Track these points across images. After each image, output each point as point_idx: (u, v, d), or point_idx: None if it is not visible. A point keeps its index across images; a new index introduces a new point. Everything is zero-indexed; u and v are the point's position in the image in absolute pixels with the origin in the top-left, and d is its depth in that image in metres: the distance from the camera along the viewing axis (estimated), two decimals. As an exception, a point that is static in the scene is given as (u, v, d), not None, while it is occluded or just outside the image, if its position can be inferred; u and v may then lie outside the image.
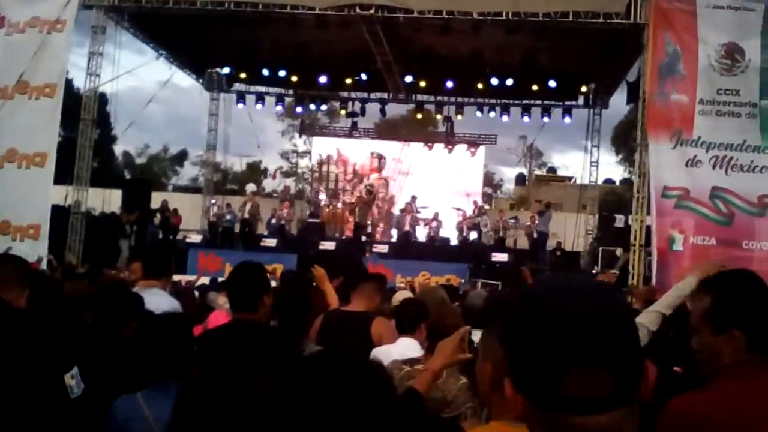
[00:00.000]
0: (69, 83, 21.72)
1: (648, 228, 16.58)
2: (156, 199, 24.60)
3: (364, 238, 23.36)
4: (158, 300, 5.44)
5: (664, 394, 2.88)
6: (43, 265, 14.03)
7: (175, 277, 9.33)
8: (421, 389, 2.84)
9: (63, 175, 18.88)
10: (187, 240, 22.25)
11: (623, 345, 1.19)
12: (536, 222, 22.54)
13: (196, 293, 10.06)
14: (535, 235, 22.43)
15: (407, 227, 23.63)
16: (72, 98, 20.92)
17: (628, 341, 1.21)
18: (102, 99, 21.82)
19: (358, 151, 28.45)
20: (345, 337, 5.23)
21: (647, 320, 3.89)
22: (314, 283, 6.84)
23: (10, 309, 2.73)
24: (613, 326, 1.20)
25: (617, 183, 43.54)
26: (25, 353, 2.31)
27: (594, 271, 20.04)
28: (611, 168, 44.81)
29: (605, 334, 1.18)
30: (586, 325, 1.17)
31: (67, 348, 2.74)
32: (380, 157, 28.10)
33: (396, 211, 25.99)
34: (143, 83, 55.13)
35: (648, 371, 1.23)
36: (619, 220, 22.82)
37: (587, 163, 24.54)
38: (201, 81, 26.32)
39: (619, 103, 23.59)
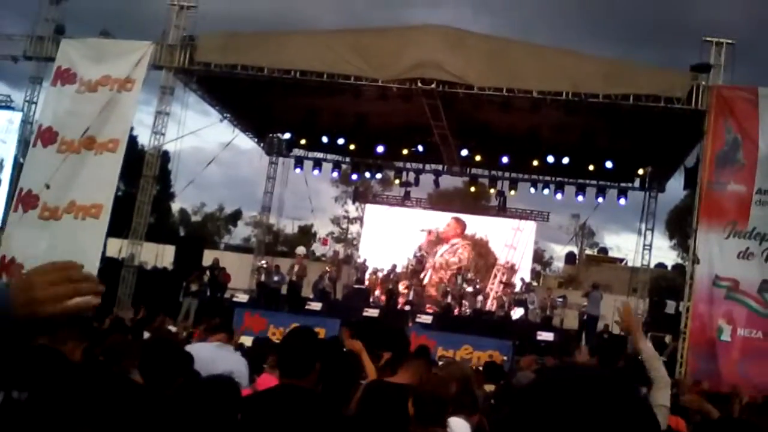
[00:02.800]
0: (134, 140, 22.46)
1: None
2: (208, 257, 24.95)
3: (408, 308, 23.32)
4: (231, 358, 5.52)
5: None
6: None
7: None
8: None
9: (119, 229, 19.31)
10: (234, 299, 22.41)
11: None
12: (588, 303, 22.25)
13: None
14: (585, 317, 22.10)
15: (450, 299, 23.58)
16: (135, 154, 21.55)
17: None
18: (164, 156, 22.38)
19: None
20: (383, 409, 5.19)
21: (663, 399, 3.84)
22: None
23: (66, 362, 2.81)
24: (634, 424, 1.20)
25: (669, 268, 42.87)
26: (78, 407, 2.38)
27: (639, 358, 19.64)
28: (664, 252, 44.28)
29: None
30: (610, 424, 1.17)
31: (115, 403, 2.80)
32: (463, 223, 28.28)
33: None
34: (205, 143, 56.42)
35: None
36: (670, 306, 22.41)
37: (640, 245, 24.24)
38: (262, 145, 26.88)
39: (676, 187, 23.40)
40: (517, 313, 23.52)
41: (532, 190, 25.74)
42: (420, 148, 23.88)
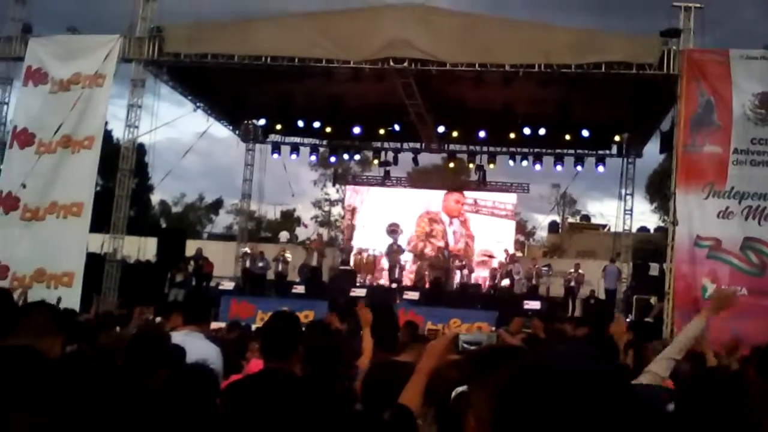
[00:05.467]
0: (108, 134, 22.28)
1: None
2: (191, 247, 24.90)
3: (394, 285, 23.43)
4: (200, 345, 5.53)
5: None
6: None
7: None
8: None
9: (100, 224, 19.26)
10: (220, 287, 22.43)
11: (617, 428, 1.20)
12: (605, 278, 22.63)
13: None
14: (604, 296, 22.48)
15: (438, 274, 23.70)
16: (110, 148, 21.42)
17: (622, 425, 1.20)
18: (140, 149, 22.28)
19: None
20: (391, 387, 5.17)
21: (659, 368, 3.88)
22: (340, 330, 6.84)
23: (44, 360, 2.79)
24: (610, 411, 1.19)
25: (651, 231, 43.12)
26: (59, 408, 2.39)
27: (628, 320, 19.83)
28: (646, 216, 44.46)
29: (602, 418, 1.18)
30: (583, 405, 1.18)
31: (99, 402, 2.83)
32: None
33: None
34: (181, 134, 55.89)
35: None
36: (654, 269, 22.59)
37: (621, 211, 24.42)
38: (237, 132, 26.77)
39: (653, 151, 23.48)
40: (503, 284, 23.69)
41: (511, 162, 25.86)
42: (396, 127, 23.89)
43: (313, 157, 28.61)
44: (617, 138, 24.05)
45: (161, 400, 3.33)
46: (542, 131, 22.52)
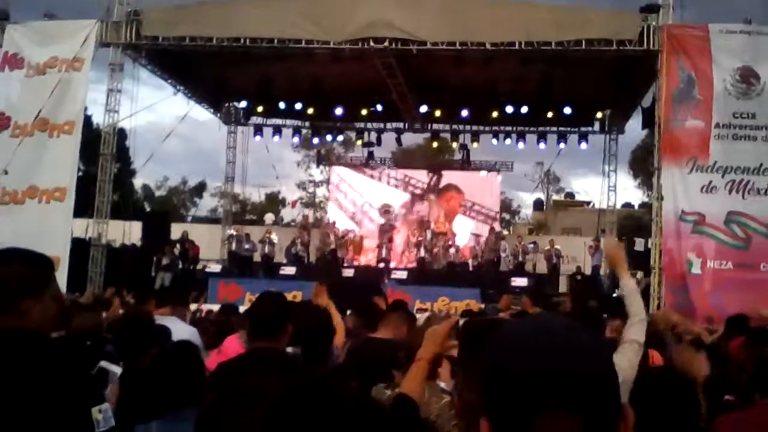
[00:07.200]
0: (88, 119, 22.13)
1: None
2: (176, 231, 24.84)
3: (382, 265, 23.47)
4: (177, 329, 5.55)
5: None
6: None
7: (194, 306, 9.43)
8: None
9: (83, 209, 19.18)
10: (207, 270, 22.42)
11: (595, 388, 1.16)
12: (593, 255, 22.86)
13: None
14: (589, 271, 22.80)
15: (423, 253, 23.72)
16: (91, 134, 21.31)
17: (601, 384, 1.18)
18: (121, 134, 22.15)
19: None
20: (371, 362, 5.20)
21: (636, 334, 3.82)
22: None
23: (43, 337, 2.74)
24: (585, 369, 1.17)
25: (636, 207, 43.35)
26: (55, 384, 2.37)
27: (614, 295, 19.94)
28: (630, 192, 44.76)
29: (576, 377, 1.15)
30: (556, 367, 1.15)
31: (95, 380, 2.81)
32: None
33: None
34: (161, 118, 55.44)
35: (626, 415, 1.21)
36: (639, 244, 22.68)
37: (605, 187, 24.55)
38: (218, 115, 26.66)
39: (635, 127, 23.53)
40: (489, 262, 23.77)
41: (494, 141, 25.77)
42: (379, 107, 23.83)
43: (296, 139, 28.50)
44: (599, 115, 24.15)
45: (152, 380, 3.34)
46: (524, 109, 22.56)
